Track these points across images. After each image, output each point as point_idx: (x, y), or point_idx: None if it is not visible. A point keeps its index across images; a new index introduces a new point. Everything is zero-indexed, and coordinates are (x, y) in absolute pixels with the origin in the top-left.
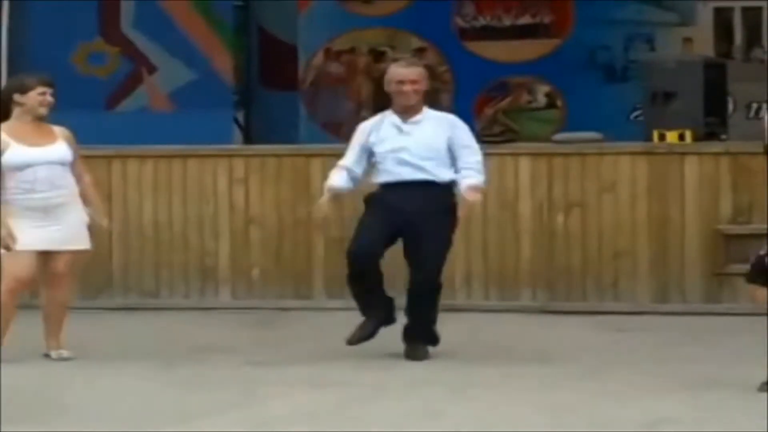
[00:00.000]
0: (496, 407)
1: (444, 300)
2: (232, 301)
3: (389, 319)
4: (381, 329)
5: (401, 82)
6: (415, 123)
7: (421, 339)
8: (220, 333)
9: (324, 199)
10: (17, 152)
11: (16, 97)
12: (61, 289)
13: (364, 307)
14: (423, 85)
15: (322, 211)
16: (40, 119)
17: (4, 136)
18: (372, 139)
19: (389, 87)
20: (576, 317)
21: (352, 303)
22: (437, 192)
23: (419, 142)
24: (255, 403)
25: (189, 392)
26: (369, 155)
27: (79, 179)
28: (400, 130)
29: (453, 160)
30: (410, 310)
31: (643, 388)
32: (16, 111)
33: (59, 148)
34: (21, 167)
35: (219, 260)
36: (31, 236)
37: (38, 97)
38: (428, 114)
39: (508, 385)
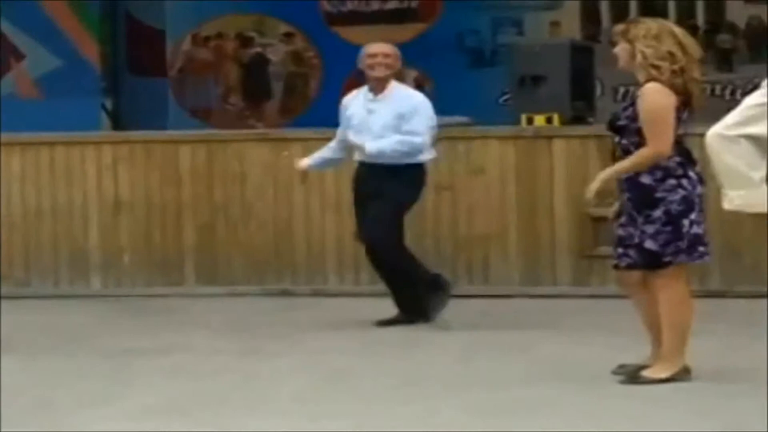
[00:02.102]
0: (364, 394)
1: (315, 285)
2: (103, 288)
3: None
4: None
5: (373, 55)
6: (380, 101)
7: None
8: (92, 321)
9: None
10: None
11: None
12: None
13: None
14: (394, 61)
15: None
16: None
17: None
18: (347, 113)
19: (362, 63)
20: None
21: (222, 290)
22: (393, 171)
23: (377, 123)
24: (129, 394)
25: (62, 383)
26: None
27: None
28: (366, 107)
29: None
30: None
31: (509, 372)
32: None
33: None
34: None
35: (89, 247)
36: None
37: None
38: (396, 91)
39: (374, 371)
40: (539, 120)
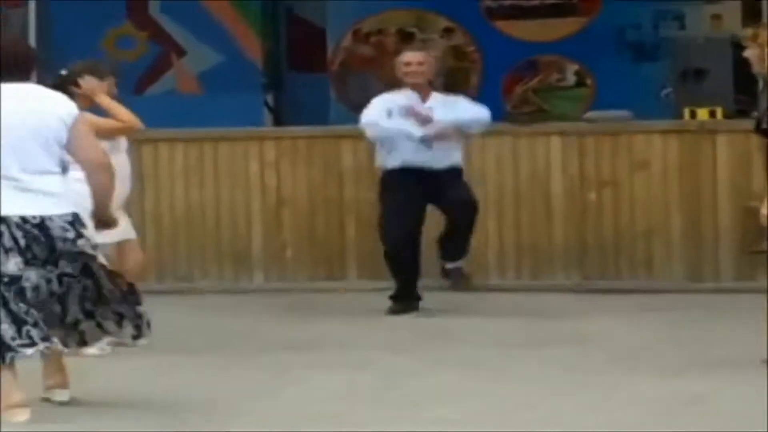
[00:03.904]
0: (528, 388)
1: (476, 279)
2: (266, 283)
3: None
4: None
5: (408, 63)
6: (433, 107)
7: None
8: (255, 316)
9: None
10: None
11: None
12: None
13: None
14: (429, 67)
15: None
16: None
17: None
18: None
19: (399, 71)
20: (609, 296)
21: (384, 284)
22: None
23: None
24: (291, 387)
25: (226, 376)
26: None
27: None
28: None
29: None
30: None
31: (675, 367)
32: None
33: None
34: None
35: (252, 243)
36: None
37: (108, 87)
38: (438, 99)
39: (542, 365)
40: (702, 114)
